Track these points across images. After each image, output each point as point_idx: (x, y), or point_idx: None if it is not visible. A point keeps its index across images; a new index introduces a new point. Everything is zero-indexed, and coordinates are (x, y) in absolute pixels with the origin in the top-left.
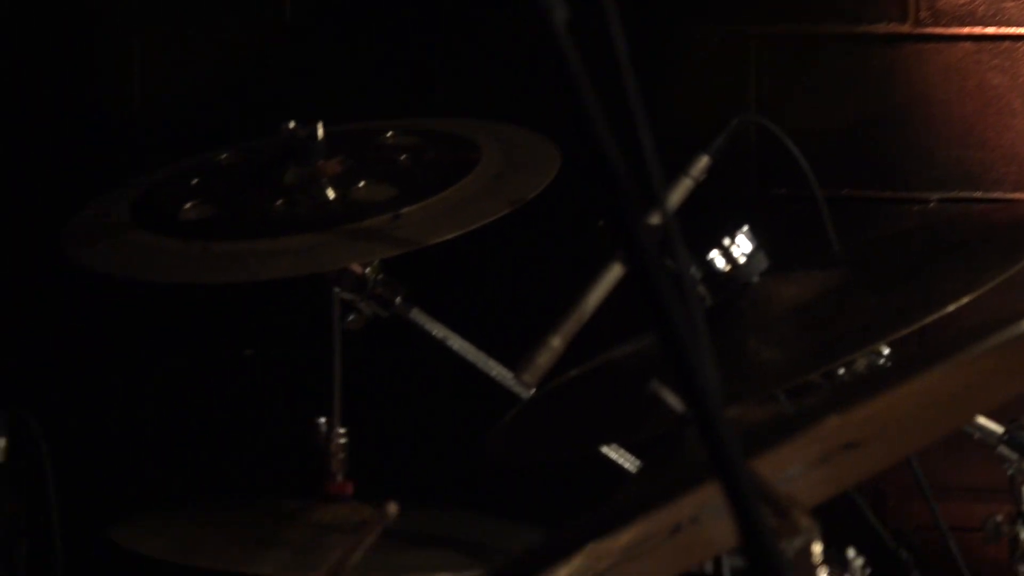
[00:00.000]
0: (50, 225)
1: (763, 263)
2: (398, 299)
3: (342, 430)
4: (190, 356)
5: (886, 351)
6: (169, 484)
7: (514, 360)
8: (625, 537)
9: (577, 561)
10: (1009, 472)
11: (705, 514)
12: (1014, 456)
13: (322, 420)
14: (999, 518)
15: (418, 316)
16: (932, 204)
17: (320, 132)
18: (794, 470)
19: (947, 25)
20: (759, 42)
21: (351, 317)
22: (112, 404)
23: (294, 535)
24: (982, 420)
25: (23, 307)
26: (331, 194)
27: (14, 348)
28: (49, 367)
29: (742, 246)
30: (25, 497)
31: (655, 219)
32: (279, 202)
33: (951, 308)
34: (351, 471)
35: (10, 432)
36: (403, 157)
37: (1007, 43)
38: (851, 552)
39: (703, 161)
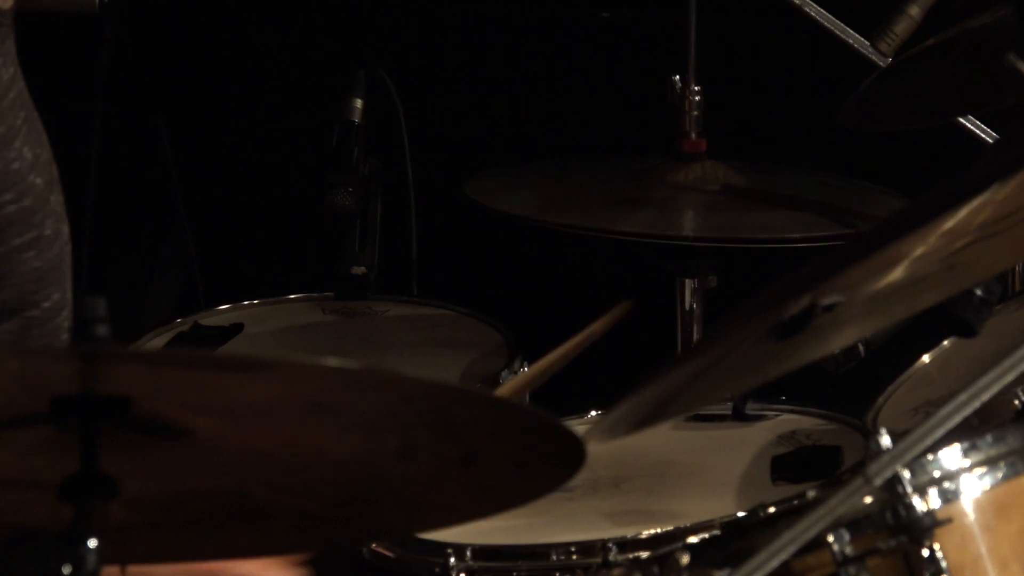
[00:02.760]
0: None
1: None
2: None
3: (696, 87)
4: (542, 20)
5: None
6: (519, 142)
7: (868, 28)
8: (984, 213)
9: (934, 237)
10: None
11: None
12: None
13: (676, 77)
14: None
15: None
16: None
17: None
18: None
19: None
20: None
21: None
22: (464, 58)
23: (654, 194)
24: None
25: None
26: None
27: (368, 10)
28: (401, 28)
29: None
30: (380, 156)
31: None
32: None
33: None
34: (704, 129)
35: (366, 92)
36: None
37: None
38: None
39: None
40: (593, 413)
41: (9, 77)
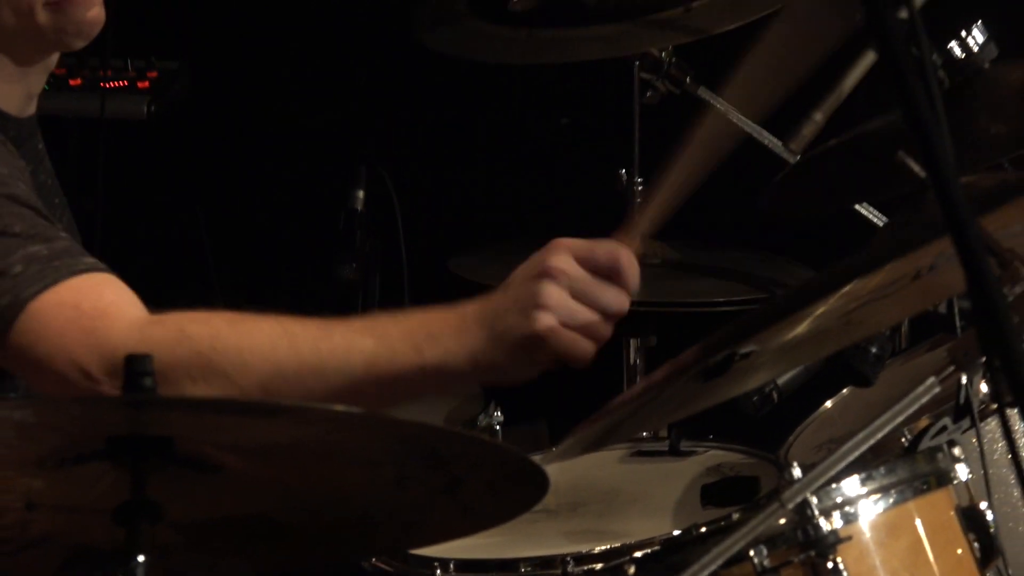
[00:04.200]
0: (402, 8)
1: (993, 52)
2: (688, 79)
3: (640, 179)
4: (514, 124)
5: None
6: (495, 225)
7: (782, 129)
8: (875, 280)
9: (834, 300)
10: None
11: (940, 263)
12: None
13: (623, 173)
14: None
15: (704, 92)
16: None
17: None
18: (1016, 228)
19: None
20: None
21: (648, 93)
22: (449, 155)
23: None
24: None
25: (379, 79)
26: None
27: (370, 114)
28: (396, 131)
29: (976, 37)
30: (379, 238)
31: (902, 14)
32: None
33: None
34: None
35: (367, 184)
36: None
37: None
38: None
39: None
40: (554, 448)
41: (43, 175)
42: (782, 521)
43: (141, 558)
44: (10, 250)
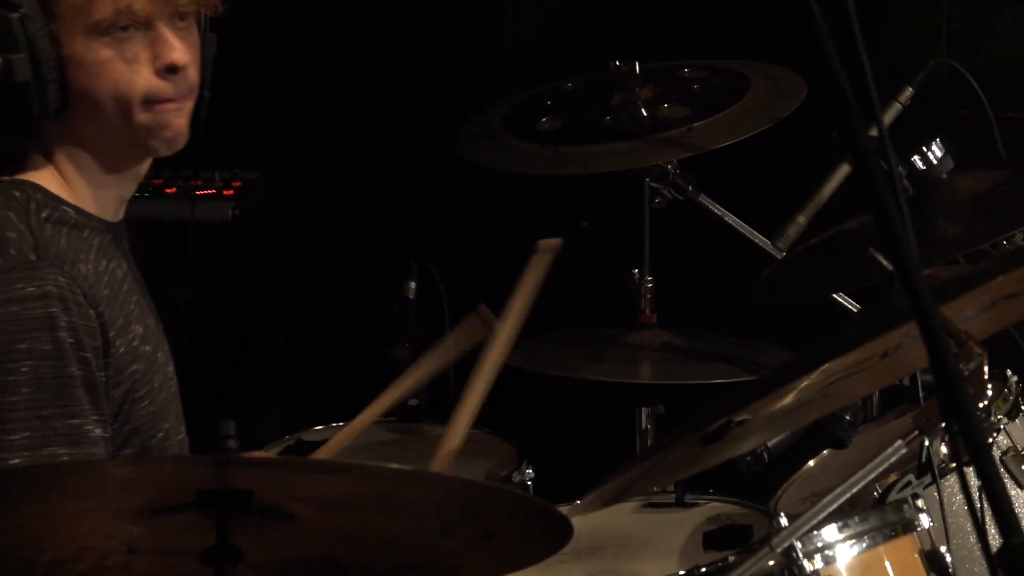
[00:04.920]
0: (447, 127)
1: (950, 164)
2: (690, 187)
3: (649, 278)
4: (540, 226)
5: None
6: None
7: (770, 230)
8: (850, 359)
9: (814, 376)
10: None
11: (906, 343)
12: None
13: (635, 272)
14: None
15: (704, 199)
16: None
17: (637, 68)
18: (970, 313)
19: None
20: (951, 8)
21: (657, 200)
22: (487, 252)
23: (614, 352)
24: None
25: (428, 187)
26: (644, 113)
27: (420, 217)
28: (443, 231)
29: (935, 152)
30: (428, 322)
31: (873, 132)
32: (607, 118)
33: None
34: (655, 306)
35: (418, 277)
36: (695, 87)
37: None
38: (1009, 372)
39: (907, 91)
40: (578, 501)
41: (123, 273)
42: (771, 563)
43: None
44: (43, 441)
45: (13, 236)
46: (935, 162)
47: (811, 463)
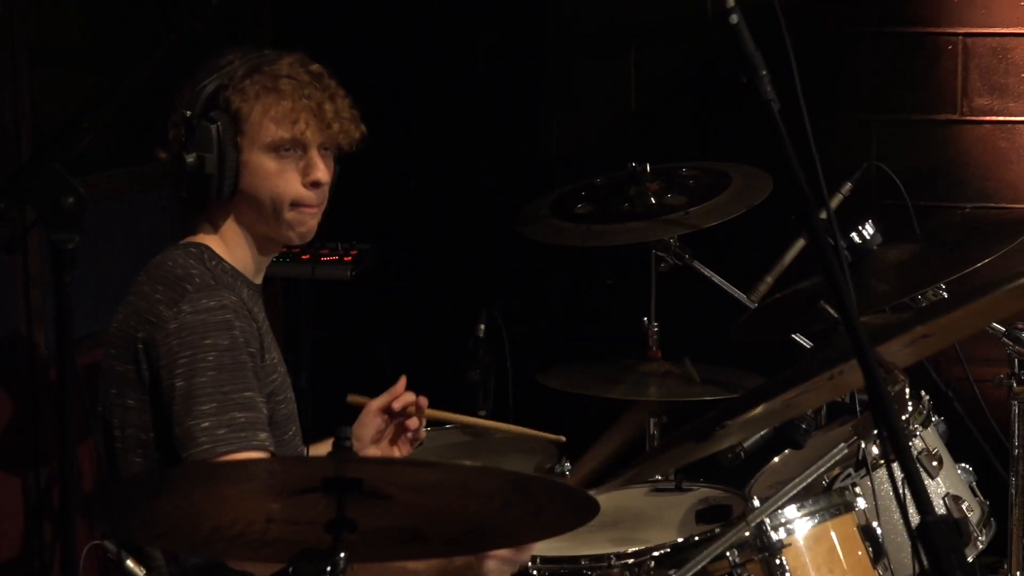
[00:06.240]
0: (510, 212)
1: (879, 239)
2: (687, 255)
3: (655, 324)
4: (578, 284)
5: (943, 288)
6: (568, 347)
7: (746, 287)
8: (803, 383)
9: (774, 401)
10: (1008, 351)
11: (847, 369)
12: (1011, 343)
13: (645, 319)
14: (1001, 376)
15: (697, 264)
16: (968, 209)
17: (648, 168)
18: (896, 348)
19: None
20: (879, 127)
21: (662, 264)
22: (536, 304)
23: (629, 377)
24: (995, 324)
25: (493, 254)
26: (653, 200)
27: (488, 275)
28: (505, 285)
29: (868, 230)
30: (494, 354)
31: (823, 215)
32: (626, 205)
33: (978, 266)
34: (660, 344)
35: (487, 320)
36: (691, 181)
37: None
38: (923, 392)
39: (847, 186)
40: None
41: (262, 316)
42: (747, 534)
43: (342, 555)
44: (225, 409)
45: (196, 272)
46: (868, 238)
47: (776, 459)
